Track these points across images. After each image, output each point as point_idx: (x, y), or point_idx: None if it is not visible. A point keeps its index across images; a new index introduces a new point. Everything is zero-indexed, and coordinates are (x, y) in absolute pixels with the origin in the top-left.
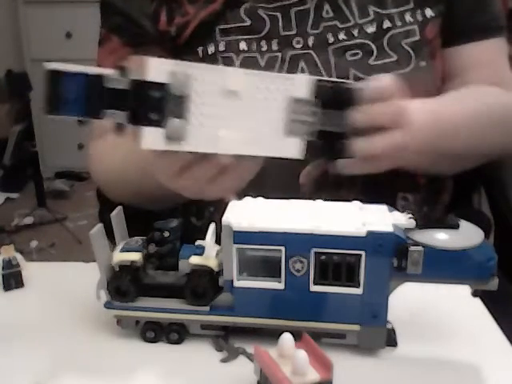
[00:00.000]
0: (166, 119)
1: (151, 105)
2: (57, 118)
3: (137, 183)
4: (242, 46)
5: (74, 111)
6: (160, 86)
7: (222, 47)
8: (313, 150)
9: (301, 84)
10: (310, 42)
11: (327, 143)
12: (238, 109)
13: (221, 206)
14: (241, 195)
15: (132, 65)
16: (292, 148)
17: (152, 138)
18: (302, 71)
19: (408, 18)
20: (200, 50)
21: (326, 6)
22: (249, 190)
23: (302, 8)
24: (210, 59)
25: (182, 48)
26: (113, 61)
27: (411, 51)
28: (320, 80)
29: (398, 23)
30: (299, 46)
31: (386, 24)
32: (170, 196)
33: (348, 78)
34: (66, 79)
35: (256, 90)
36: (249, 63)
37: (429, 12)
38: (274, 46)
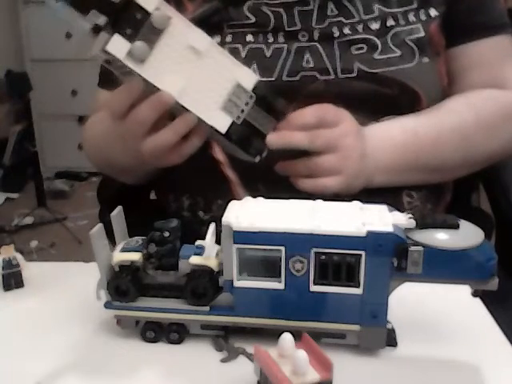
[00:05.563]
0: (136, 38)
1: (130, 22)
2: None
3: (106, 149)
4: (249, 38)
5: None
6: (144, 11)
7: (228, 39)
8: (233, 132)
9: (248, 75)
10: (316, 35)
11: (246, 133)
12: (194, 65)
13: (229, 199)
14: (243, 195)
15: None
16: (220, 121)
17: (118, 45)
18: (307, 63)
19: (411, 17)
20: None
21: (331, 5)
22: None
23: (305, 9)
24: None
25: None
26: None
27: (415, 47)
28: (263, 81)
29: (402, 22)
30: (305, 39)
31: (390, 22)
32: (136, 163)
33: (352, 71)
34: None
35: (214, 60)
36: (254, 54)
37: (433, 12)
38: (281, 39)
